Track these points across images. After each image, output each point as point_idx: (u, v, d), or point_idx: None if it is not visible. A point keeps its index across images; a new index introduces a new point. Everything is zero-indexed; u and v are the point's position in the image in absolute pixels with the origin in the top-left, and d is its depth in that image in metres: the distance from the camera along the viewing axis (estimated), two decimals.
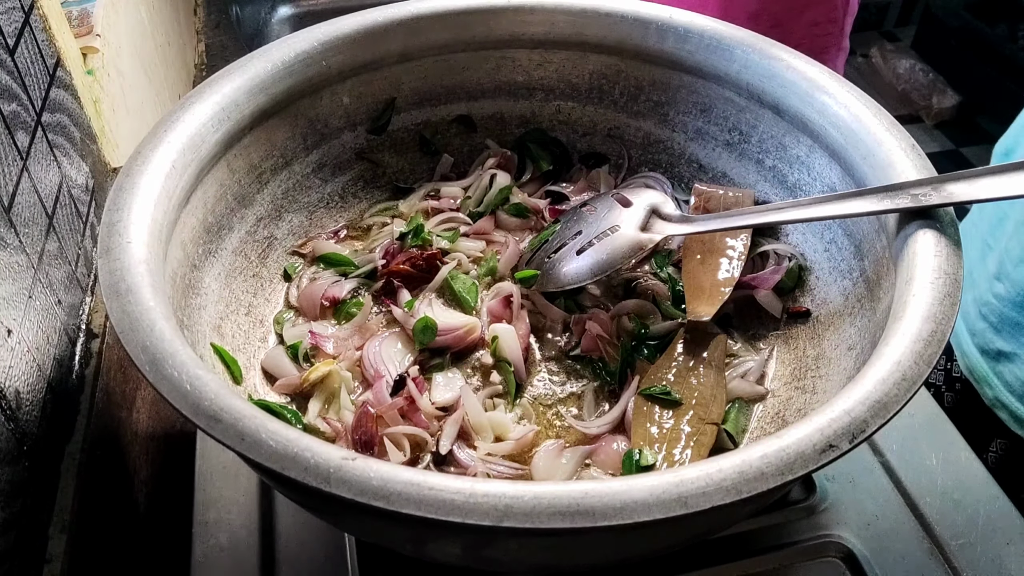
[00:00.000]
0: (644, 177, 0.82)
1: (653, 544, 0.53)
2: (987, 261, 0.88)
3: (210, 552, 0.63)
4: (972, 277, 0.90)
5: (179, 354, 0.48)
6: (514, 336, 0.68)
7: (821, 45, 1.30)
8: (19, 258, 0.58)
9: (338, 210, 0.80)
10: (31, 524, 0.55)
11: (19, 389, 0.55)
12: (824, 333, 0.67)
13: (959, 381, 0.93)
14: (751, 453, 0.44)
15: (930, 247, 0.55)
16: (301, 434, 0.44)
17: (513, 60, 0.81)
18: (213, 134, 0.64)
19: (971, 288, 0.90)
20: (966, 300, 0.89)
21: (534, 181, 0.84)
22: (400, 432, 0.62)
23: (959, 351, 0.93)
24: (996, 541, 0.64)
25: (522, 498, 0.41)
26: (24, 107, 0.62)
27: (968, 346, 0.90)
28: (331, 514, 0.54)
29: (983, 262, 0.88)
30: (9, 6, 0.61)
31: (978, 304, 0.88)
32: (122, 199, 0.56)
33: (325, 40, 0.72)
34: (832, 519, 0.66)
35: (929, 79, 2.80)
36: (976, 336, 0.88)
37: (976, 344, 0.89)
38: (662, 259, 0.76)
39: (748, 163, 0.76)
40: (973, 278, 0.90)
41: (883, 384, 0.47)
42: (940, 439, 0.71)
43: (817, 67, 0.69)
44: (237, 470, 0.68)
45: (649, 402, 0.65)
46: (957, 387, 0.94)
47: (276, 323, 0.71)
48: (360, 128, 0.79)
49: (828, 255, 0.69)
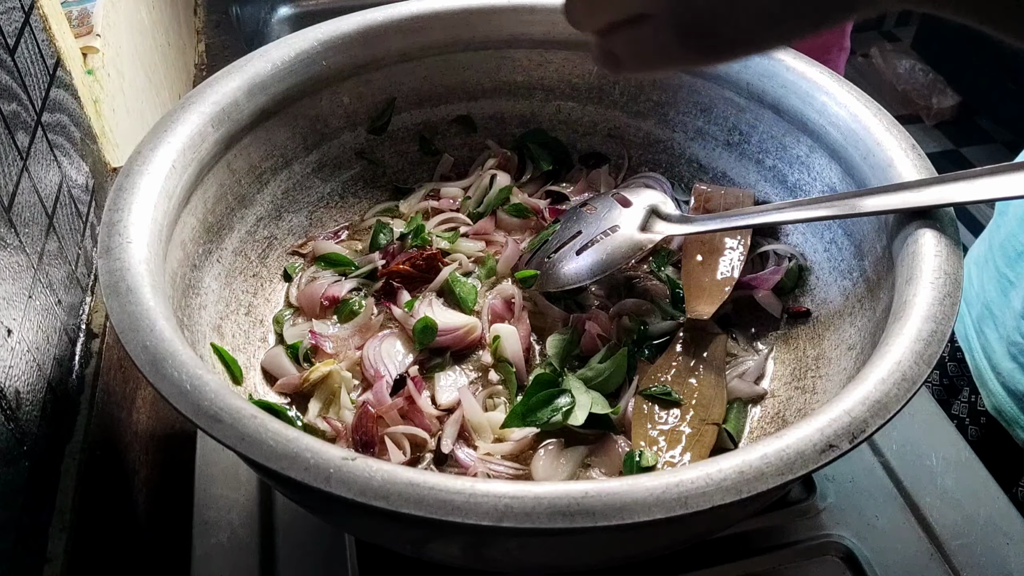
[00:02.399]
0: (644, 177, 0.82)
1: (653, 544, 0.53)
2: (1010, 297, 0.84)
3: (210, 552, 0.63)
4: (993, 313, 0.87)
5: (179, 354, 0.48)
6: (516, 336, 0.68)
7: (822, 45, 1.30)
8: (19, 258, 0.58)
9: (338, 210, 0.80)
10: (31, 524, 0.55)
11: (19, 389, 0.55)
12: (824, 333, 0.67)
13: (984, 415, 0.91)
14: (751, 453, 0.44)
15: (930, 247, 0.55)
16: (301, 434, 0.44)
17: (513, 60, 0.81)
18: (213, 134, 0.64)
19: (994, 326, 0.86)
20: (991, 338, 0.87)
21: (534, 181, 0.84)
22: (400, 432, 0.62)
23: (984, 389, 0.89)
24: (996, 541, 0.64)
25: (522, 498, 0.41)
26: (24, 107, 0.62)
27: (994, 384, 0.87)
28: (331, 514, 0.54)
29: (1006, 297, 0.85)
30: (9, 6, 0.61)
31: (1006, 344, 0.84)
32: (122, 199, 0.56)
33: (325, 40, 0.72)
34: (832, 519, 0.65)
35: (929, 79, 2.80)
36: (1003, 376, 0.85)
37: (1003, 384, 0.85)
38: (662, 259, 0.76)
39: (748, 163, 0.76)
40: (994, 314, 0.86)
41: (883, 384, 0.47)
42: (940, 439, 0.71)
43: (817, 67, 0.69)
44: (237, 470, 0.68)
45: (649, 402, 0.65)
46: (982, 421, 0.92)
47: (276, 323, 0.71)
48: (360, 128, 0.79)
49: (828, 255, 0.69)
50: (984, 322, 0.88)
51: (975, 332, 0.90)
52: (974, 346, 0.90)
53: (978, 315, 0.89)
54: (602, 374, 0.65)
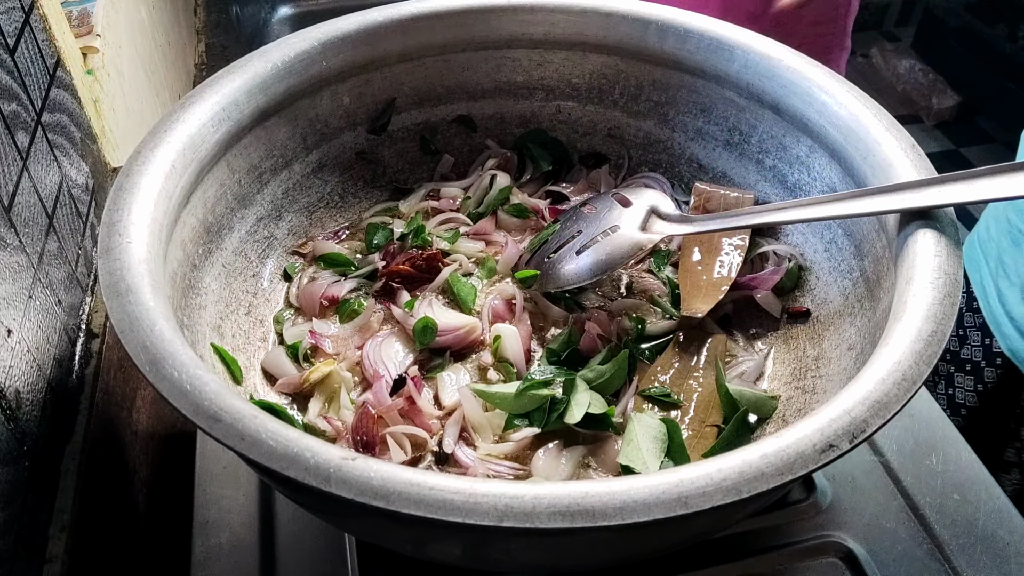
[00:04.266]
0: (644, 177, 0.82)
1: (653, 544, 0.53)
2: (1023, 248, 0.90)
3: (210, 552, 0.63)
4: (1006, 263, 0.92)
5: (179, 354, 0.48)
6: (517, 337, 0.68)
7: (823, 45, 1.30)
8: (19, 258, 0.58)
9: (338, 210, 0.80)
10: (31, 524, 0.55)
11: (19, 389, 0.55)
12: (824, 333, 0.67)
13: (1000, 356, 0.97)
14: (751, 453, 0.44)
15: (930, 247, 0.55)
16: (301, 434, 0.44)
17: (513, 60, 0.81)
18: (213, 134, 0.64)
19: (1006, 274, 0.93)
20: (1003, 286, 0.93)
21: (534, 181, 0.84)
22: (401, 432, 0.62)
23: (998, 332, 0.96)
24: (996, 541, 0.64)
25: (522, 498, 0.41)
26: (24, 107, 0.62)
27: (1008, 328, 0.93)
28: (331, 514, 0.54)
29: (1019, 248, 0.91)
30: (9, 6, 0.61)
31: (1020, 290, 0.91)
32: (122, 199, 0.56)
33: (325, 40, 0.72)
34: (832, 519, 0.65)
35: (929, 79, 2.80)
36: (1016, 321, 0.92)
37: (1017, 328, 0.92)
38: (661, 259, 0.76)
39: (748, 163, 0.76)
40: (1007, 264, 0.92)
41: (883, 384, 0.47)
42: (940, 439, 0.71)
43: (817, 67, 0.69)
44: (237, 470, 0.68)
45: (648, 403, 0.65)
46: (998, 362, 0.98)
47: (276, 322, 0.71)
48: (360, 128, 0.79)
49: (828, 255, 0.69)
50: (999, 274, 0.94)
51: (991, 281, 0.96)
52: (990, 294, 0.96)
53: (994, 266, 0.95)
54: (603, 375, 0.65)
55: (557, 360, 0.68)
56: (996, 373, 0.98)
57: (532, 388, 0.62)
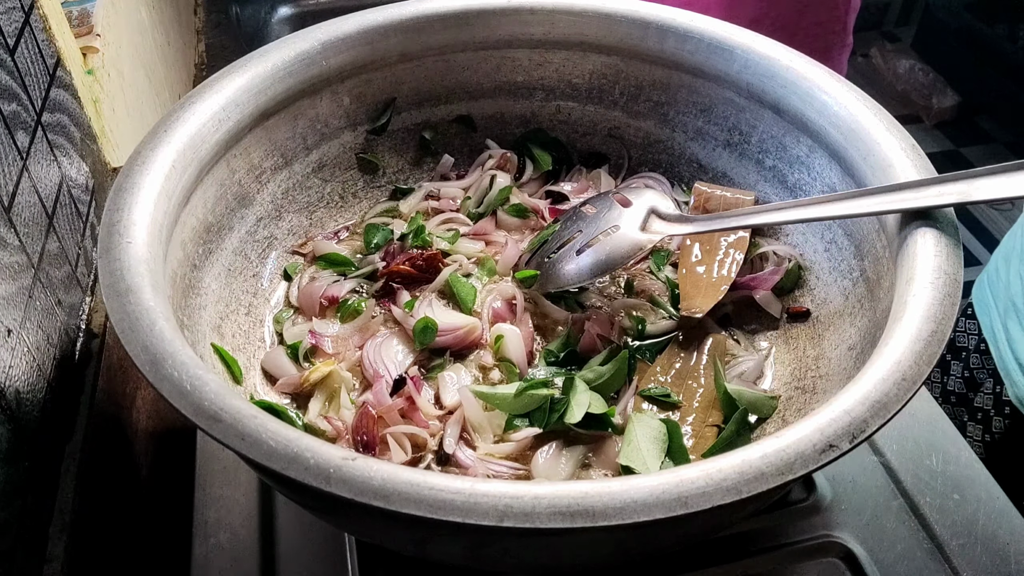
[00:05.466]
0: (644, 177, 0.82)
1: (653, 544, 0.53)
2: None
3: (210, 552, 0.63)
4: (1018, 307, 0.89)
5: (179, 354, 0.48)
6: (518, 337, 0.68)
7: (825, 44, 1.30)
8: (19, 258, 0.58)
9: (338, 210, 0.80)
10: (31, 524, 0.55)
11: (19, 389, 0.55)
12: (824, 333, 0.67)
13: (1008, 406, 0.93)
14: (751, 453, 0.44)
15: (930, 247, 0.55)
16: (301, 434, 0.44)
17: (513, 60, 0.81)
18: (213, 134, 0.64)
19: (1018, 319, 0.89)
20: (1014, 328, 0.89)
21: (534, 181, 0.84)
22: (401, 432, 0.62)
23: (1008, 380, 0.92)
24: (996, 541, 0.64)
25: (522, 498, 0.41)
26: (24, 107, 0.62)
27: (1017, 375, 0.89)
28: (331, 514, 0.54)
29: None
30: (9, 6, 0.61)
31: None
32: (122, 199, 0.56)
33: (325, 40, 0.72)
34: (832, 519, 0.66)
35: (929, 79, 2.80)
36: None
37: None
38: (661, 259, 0.76)
39: (748, 163, 0.76)
40: (1019, 308, 0.89)
41: (883, 384, 0.47)
42: (940, 439, 0.71)
43: (817, 67, 0.69)
44: (237, 470, 0.68)
45: (648, 403, 0.65)
46: (1007, 411, 0.94)
47: (276, 322, 0.71)
48: (360, 128, 0.79)
49: (828, 255, 0.69)
50: (1009, 315, 0.90)
51: (1001, 325, 0.92)
52: (999, 338, 0.92)
53: (1004, 308, 0.91)
54: (603, 376, 0.65)
55: (556, 360, 0.68)
56: (1003, 423, 0.95)
57: (532, 388, 0.62)
